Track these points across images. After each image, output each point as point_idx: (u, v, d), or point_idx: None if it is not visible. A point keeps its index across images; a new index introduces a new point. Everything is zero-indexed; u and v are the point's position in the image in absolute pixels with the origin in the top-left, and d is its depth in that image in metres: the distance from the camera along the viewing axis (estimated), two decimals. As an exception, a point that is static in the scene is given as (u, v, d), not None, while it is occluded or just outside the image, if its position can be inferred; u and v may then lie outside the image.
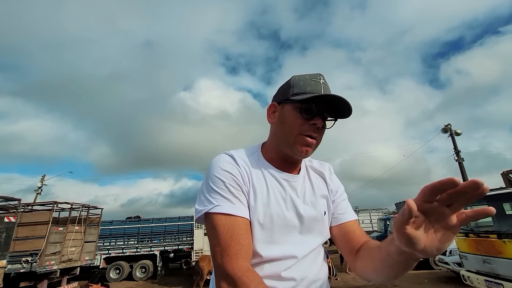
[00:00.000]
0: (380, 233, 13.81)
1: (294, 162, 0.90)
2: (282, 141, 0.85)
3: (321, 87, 0.82)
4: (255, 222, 0.77)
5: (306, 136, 0.81)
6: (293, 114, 0.82)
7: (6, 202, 7.41)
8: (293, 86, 0.84)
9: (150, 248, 12.41)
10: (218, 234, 0.70)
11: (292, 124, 0.82)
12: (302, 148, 0.81)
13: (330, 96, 0.79)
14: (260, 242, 0.77)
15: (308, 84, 0.82)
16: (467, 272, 5.46)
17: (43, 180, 20.95)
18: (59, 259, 8.23)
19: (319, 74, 0.86)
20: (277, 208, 0.81)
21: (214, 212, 0.73)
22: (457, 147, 16.06)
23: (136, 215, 14.55)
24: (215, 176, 0.78)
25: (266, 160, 0.89)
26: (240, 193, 0.78)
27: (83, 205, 9.70)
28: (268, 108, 0.92)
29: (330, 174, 0.99)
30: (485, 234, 5.09)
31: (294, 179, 0.88)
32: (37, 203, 9.80)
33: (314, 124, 0.80)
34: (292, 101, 0.82)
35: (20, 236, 7.72)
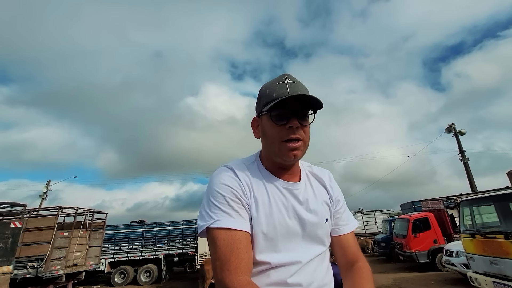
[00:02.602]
0: (385, 234, 13.69)
1: (290, 169, 0.90)
2: (271, 152, 0.86)
3: (287, 87, 0.81)
4: (258, 232, 0.78)
5: (288, 141, 0.81)
6: (269, 124, 0.83)
7: (12, 208, 7.48)
8: (262, 97, 0.86)
9: (155, 252, 12.42)
10: (218, 249, 0.71)
11: (271, 134, 0.83)
12: (289, 154, 0.81)
13: (293, 97, 0.78)
14: (265, 251, 0.79)
15: (274, 90, 0.82)
16: (475, 273, 5.38)
17: (48, 185, 21.14)
18: (64, 264, 8.28)
19: (283, 75, 0.85)
20: (279, 217, 0.81)
21: (214, 227, 0.73)
22: (462, 147, 15.90)
23: (140, 219, 14.62)
24: (215, 190, 0.79)
25: (265, 168, 0.89)
26: (240, 206, 0.78)
27: (88, 210, 9.76)
28: (252, 123, 0.93)
29: (330, 181, 0.99)
30: (492, 235, 5.02)
31: (295, 187, 0.88)
32: (43, 209, 9.88)
33: (291, 127, 0.80)
34: (264, 113, 0.83)
35: (26, 241, 7.78)
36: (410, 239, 9.98)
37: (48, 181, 21.27)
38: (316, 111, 0.86)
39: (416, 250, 9.78)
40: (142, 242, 12.91)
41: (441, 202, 11.34)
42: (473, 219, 5.88)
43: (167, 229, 13.31)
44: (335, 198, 0.97)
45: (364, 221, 18.94)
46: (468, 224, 5.98)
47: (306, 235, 0.85)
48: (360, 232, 18.31)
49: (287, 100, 0.78)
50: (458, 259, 7.19)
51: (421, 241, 9.88)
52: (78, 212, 9.38)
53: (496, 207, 5.38)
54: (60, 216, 8.76)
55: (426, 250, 9.70)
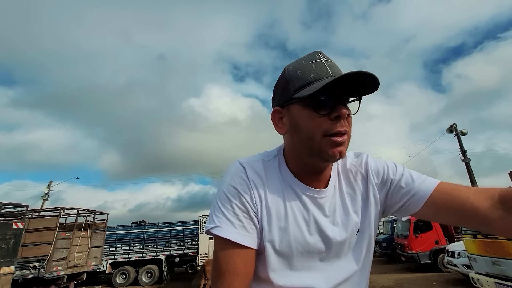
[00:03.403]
0: (387, 235, 13.66)
1: (323, 172, 0.73)
2: (305, 151, 0.68)
3: (326, 67, 0.64)
4: (269, 248, 0.67)
5: (333, 135, 0.63)
6: (305, 114, 0.64)
7: (14, 209, 7.51)
8: (292, 80, 0.66)
9: (156, 252, 12.44)
10: (217, 257, 0.66)
11: (309, 127, 0.64)
12: (334, 151, 0.63)
13: (347, 76, 0.59)
14: (277, 270, 0.67)
15: (309, 70, 0.64)
16: (477, 274, 5.36)
17: (49, 186, 21.20)
18: (66, 264, 8.31)
19: (316, 52, 0.67)
20: (297, 233, 0.68)
21: (215, 234, 0.66)
22: (463, 147, 15.86)
23: (141, 220, 14.63)
24: (223, 191, 0.69)
25: (289, 169, 0.74)
26: (246, 216, 0.67)
27: (89, 210, 9.79)
28: (272, 116, 0.74)
29: (369, 167, 0.77)
30: (494, 236, 5.00)
31: (320, 194, 0.72)
32: (44, 209, 9.92)
33: (338, 117, 0.63)
34: (298, 100, 0.64)
35: (28, 242, 7.80)
36: (412, 239, 9.95)
37: (50, 182, 21.35)
38: (361, 98, 0.67)
39: (417, 251, 9.75)
40: (143, 242, 12.94)
41: (442, 202, 11.28)
42: (475, 219, 5.85)
43: (168, 230, 13.33)
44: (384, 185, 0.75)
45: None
46: (470, 224, 5.95)
47: (332, 254, 0.70)
48: (362, 233, 18.19)
49: (331, 84, 0.59)
50: (460, 259, 7.16)
51: (423, 242, 9.85)
52: (79, 213, 9.41)
53: (498, 207, 5.35)
54: (62, 217, 8.80)
55: (428, 251, 9.67)
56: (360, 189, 0.76)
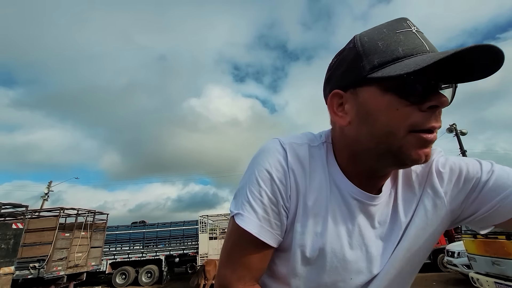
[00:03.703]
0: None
1: (384, 177, 0.58)
2: (375, 150, 0.51)
3: (420, 39, 0.47)
4: (297, 253, 0.56)
5: (424, 131, 0.47)
6: (385, 101, 0.47)
7: (14, 209, 7.50)
8: (368, 53, 0.48)
9: (156, 253, 12.43)
10: (231, 243, 0.58)
11: (391, 120, 0.47)
12: (420, 153, 0.48)
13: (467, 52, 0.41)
14: (303, 280, 0.58)
15: (396, 42, 0.47)
16: (476, 274, 5.36)
17: (49, 186, 21.19)
18: (66, 264, 8.30)
19: (402, 19, 0.50)
20: (335, 243, 0.56)
21: (236, 222, 0.56)
22: (463, 147, 15.87)
23: (141, 220, 14.64)
24: (255, 175, 0.56)
25: (337, 162, 0.59)
26: (274, 208, 0.56)
27: (89, 210, 9.78)
28: (329, 101, 0.56)
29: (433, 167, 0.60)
30: (493, 235, 5.01)
31: (373, 201, 0.57)
32: (44, 209, 9.91)
33: (433, 108, 0.46)
34: (378, 80, 0.47)
35: (28, 242, 7.80)
36: (412, 239, 9.95)
37: (50, 182, 21.33)
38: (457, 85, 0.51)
39: (417, 251, 9.74)
40: (143, 243, 12.95)
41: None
42: (474, 219, 5.87)
43: (168, 230, 13.34)
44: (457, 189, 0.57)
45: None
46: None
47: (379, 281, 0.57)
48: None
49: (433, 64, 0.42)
50: (460, 259, 7.16)
51: (423, 242, 9.85)
52: (79, 213, 9.40)
53: (497, 207, 5.37)
54: (62, 217, 8.80)
55: (428, 251, 9.67)
56: (421, 193, 0.59)
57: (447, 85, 0.50)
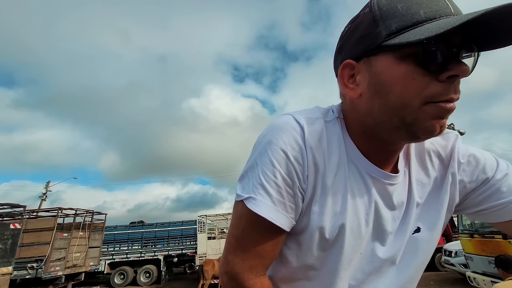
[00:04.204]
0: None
1: (396, 151, 0.55)
2: (388, 122, 0.47)
3: (445, 1, 0.43)
4: (316, 235, 0.53)
5: (442, 102, 0.43)
6: (402, 70, 0.43)
7: (12, 209, 7.48)
8: (385, 18, 0.44)
9: (154, 252, 12.41)
10: (241, 230, 0.53)
11: (406, 90, 0.43)
12: (435, 124, 0.45)
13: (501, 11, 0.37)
14: (319, 260, 0.55)
15: (418, 4, 0.42)
16: (473, 273, 5.40)
17: (47, 186, 21.10)
18: (64, 265, 8.28)
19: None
20: (353, 221, 0.53)
21: (249, 208, 0.51)
22: (461, 147, 15.95)
23: (139, 220, 14.63)
24: (267, 155, 0.51)
25: (351, 138, 0.55)
26: (289, 190, 0.51)
27: (87, 210, 9.76)
28: (340, 72, 0.52)
29: (456, 153, 0.58)
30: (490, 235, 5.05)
31: (390, 180, 0.54)
32: (42, 210, 9.89)
33: (452, 78, 0.43)
34: (395, 48, 0.43)
35: (26, 242, 7.77)
36: (409, 239, 9.99)
37: (48, 182, 21.25)
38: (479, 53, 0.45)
39: (415, 250, 9.79)
40: (142, 242, 12.94)
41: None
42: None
43: (167, 230, 13.33)
44: (472, 180, 0.57)
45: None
46: (467, 224, 6.01)
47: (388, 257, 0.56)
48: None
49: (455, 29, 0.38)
50: (457, 259, 7.21)
51: (420, 241, 9.89)
52: (77, 213, 9.38)
53: (494, 207, 5.41)
54: (60, 217, 8.77)
55: (425, 250, 9.71)
56: (435, 176, 0.58)
57: (469, 53, 0.45)
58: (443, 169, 0.58)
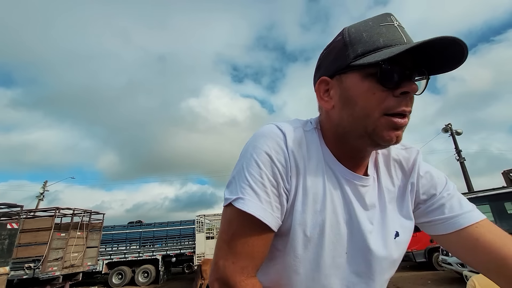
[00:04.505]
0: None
1: (365, 157, 0.63)
2: (354, 130, 0.57)
3: (400, 32, 0.52)
4: (298, 232, 0.57)
5: (395, 115, 0.52)
6: (364, 86, 0.53)
7: (9, 209, 7.44)
8: (353, 43, 0.54)
9: (152, 252, 12.40)
10: (232, 233, 0.56)
11: (368, 103, 0.53)
12: (391, 134, 0.53)
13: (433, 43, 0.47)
14: (303, 259, 0.58)
15: (378, 34, 0.52)
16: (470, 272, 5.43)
17: (45, 186, 21.01)
18: (61, 265, 8.25)
19: (387, 14, 0.55)
20: (333, 218, 0.58)
21: (238, 207, 0.54)
22: (458, 146, 16.04)
23: (138, 220, 14.59)
24: (253, 158, 0.56)
25: (327, 146, 0.63)
26: (275, 191, 0.56)
27: (85, 210, 9.73)
28: (317, 87, 0.62)
29: (417, 166, 0.67)
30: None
31: (362, 182, 0.62)
32: (40, 209, 9.84)
33: (405, 94, 0.52)
34: (359, 67, 0.53)
35: (23, 242, 7.74)
36: (407, 238, 10.03)
37: (45, 182, 21.14)
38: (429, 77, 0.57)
39: (412, 250, 9.83)
40: (140, 242, 12.91)
41: (437, 201, 11.41)
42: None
43: (165, 230, 13.31)
44: (424, 192, 0.65)
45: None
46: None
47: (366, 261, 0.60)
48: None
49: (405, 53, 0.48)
50: (454, 258, 7.25)
51: (418, 241, 9.93)
52: (75, 213, 9.35)
53: (491, 206, 5.45)
54: (57, 217, 8.74)
55: (423, 250, 9.76)
56: (399, 185, 0.66)
57: (421, 76, 0.56)
58: (404, 178, 0.67)
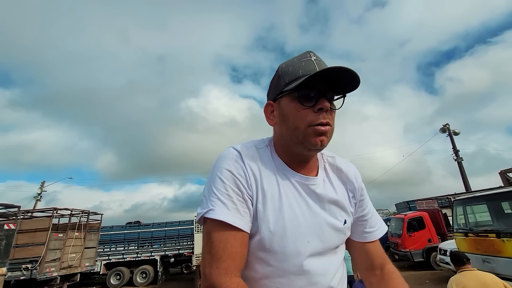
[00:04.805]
0: (381, 234, 13.76)
1: (309, 161, 0.78)
2: (291, 140, 0.73)
3: (315, 65, 0.70)
4: (264, 230, 0.68)
5: (316, 126, 0.69)
6: (292, 106, 0.71)
7: (6, 209, 7.39)
8: (283, 76, 0.74)
9: (151, 253, 12.36)
10: (211, 242, 0.65)
11: (296, 118, 0.71)
12: (316, 140, 0.69)
13: (328, 71, 0.66)
14: (271, 252, 0.69)
15: (299, 67, 0.71)
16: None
17: (42, 186, 20.88)
18: (59, 265, 8.20)
19: (307, 52, 0.74)
20: (290, 214, 0.71)
21: (210, 217, 0.66)
22: (456, 147, 16.10)
23: (136, 220, 14.52)
24: (217, 175, 0.70)
25: (279, 157, 0.78)
26: (240, 199, 0.68)
27: (83, 211, 9.68)
28: (264, 109, 0.81)
29: (356, 178, 0.86)
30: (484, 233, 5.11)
31: (311, 181, 0.77)
32: (37, 210, 9.78)
33: (320, 109, 0.69)
34: (287, 92, 0.72)
35: (20, 243, 7.69)
36: (405, 238, 10.07)
37: (43, 182, 21.02)
38: (345, 95, 0.74)
39: (411, 249, 9.87)
40: (138, 243, 12.83)
41: (435, 201, 11.47)
42: (466, 218, 5.97)
43: (163, 230, 13.25)
44: (360, 200, 0.85)
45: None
46: (462, 223, 6.07)
47: (322, 241, 0.73)
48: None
49: (315, 79, 0.67)
50: (452, 257, 7.27)
51: (416, 240, 9.97)
52: (73, 213, 9.29)
53: (488, 206, 5.47)
54: (55, 218, 8.68)
55: (421, 249, 9.80)
56: (342, 187, 0.84)
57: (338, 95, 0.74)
58: (346, 183, 0.85)
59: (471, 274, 2.85)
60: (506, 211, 5.09)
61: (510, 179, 7.78)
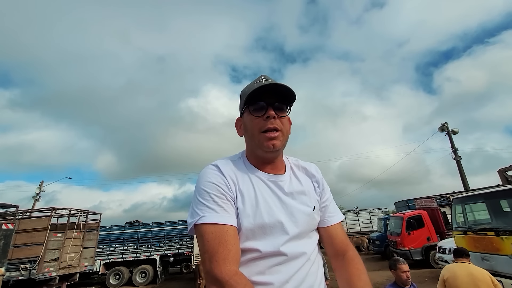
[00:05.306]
0: (380, 232, 13.82)
1: (274, 162, 0.94)
2: (253, 145, 0.91)
3: (263, 83, 0.86)
4: (247, 224, 0.81)
5: (266, 132, 0.86)
6: (249, 118, 0.90)
7: (4, 209, 7.36)
8: (242, 96, 0.93)
9: (150, 252, 12.36)
10: (207, 242, 0.74)
11: (252, 127, 0.88)
12: (268, 144, 0.85)
13: (265, 86, 0.85)
14: (255, 240, 0.81)
15: (252, 88, 0.87)
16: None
17: (41, 186, 20.83)
18: (58, 265, 8.18)
19: (260, 76, 0.92)
20: (266, 207, 0.84)
21: (201, 223, 0.76)
22: (455, 145, 16.13)
23: (135, 220, 14.50)
24: (201, 188, 0.82)
25: (251, 164, 0.93)
26: (225, 201, 0.81)
27: (82, 210, 9.66)
28: (235, 124, 1.00)
29: (316, 173, 1.03)
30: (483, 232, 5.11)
31: (280, 178, 0.92)
32: (36, 210, 9.75)
33: (268, 118, 0.86)
34: (244, 108, 0.91)
35: (19, 243, 7.67)
36: (404, 236, 10.10)
37: (41, 182, 20.97)
38: (291, 104, 0.92)
39: (410, 248, 9.90)
40: (137, 242, 12.83)
41: (434, 200, 11.51)
42: (465, 216, 5.98)
43: (163, 230, 13.25)
44: (322, 189, 1.01)
45: (359, 219, 19.07)
46: (460, 221, 6.07)
47: (297, 226, 0.86)
48: (355, 231, 18.44)
49: (263, 94, 0.86)
50: (451, 256, 7.27)
51: (415, 239, 10.00)
52: (72, 213, 9.27)
53: (487, 204, 5.48)
54: (54, 217, 8.65)
55: (420, 248, 9.83)
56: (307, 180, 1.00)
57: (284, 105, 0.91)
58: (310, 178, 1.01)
59: (464, 265, 3.21)
60: (504, 209, 5.10)
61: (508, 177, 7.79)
